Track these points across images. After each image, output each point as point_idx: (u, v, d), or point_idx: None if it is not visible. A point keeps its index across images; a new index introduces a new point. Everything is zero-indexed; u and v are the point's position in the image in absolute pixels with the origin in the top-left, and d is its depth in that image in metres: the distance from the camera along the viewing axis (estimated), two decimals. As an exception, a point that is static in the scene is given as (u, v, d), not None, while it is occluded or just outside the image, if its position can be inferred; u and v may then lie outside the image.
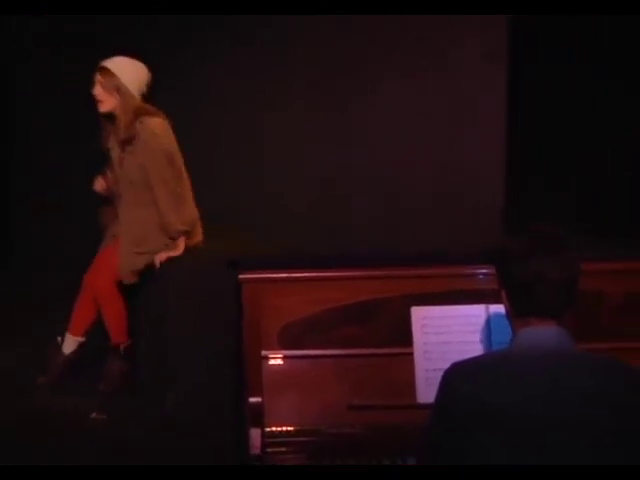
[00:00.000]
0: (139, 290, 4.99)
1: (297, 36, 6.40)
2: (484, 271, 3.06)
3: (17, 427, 4.41)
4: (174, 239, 4.90)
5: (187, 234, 4.93)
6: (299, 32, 6.35)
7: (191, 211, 4.95)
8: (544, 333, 2.31)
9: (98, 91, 4.81)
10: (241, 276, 3.07)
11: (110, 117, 4.89)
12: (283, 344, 3.01)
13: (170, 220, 4.84)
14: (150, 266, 4.89)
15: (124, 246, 4.87)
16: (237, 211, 6.05)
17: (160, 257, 4.87)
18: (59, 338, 4.97)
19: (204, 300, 4.68)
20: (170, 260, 4.87)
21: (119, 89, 4.79)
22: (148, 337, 5.00)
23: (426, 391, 2.87)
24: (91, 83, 4.84)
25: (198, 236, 5.05)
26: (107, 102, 4.82)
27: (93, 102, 4.86)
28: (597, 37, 6.16)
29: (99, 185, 5.03)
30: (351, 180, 6.53)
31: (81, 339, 4.96)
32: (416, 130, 6.57)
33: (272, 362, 2.99)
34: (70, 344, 4.95)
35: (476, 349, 2.90)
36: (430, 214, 6.55)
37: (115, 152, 4.93)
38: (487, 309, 2.95)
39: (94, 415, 4.62)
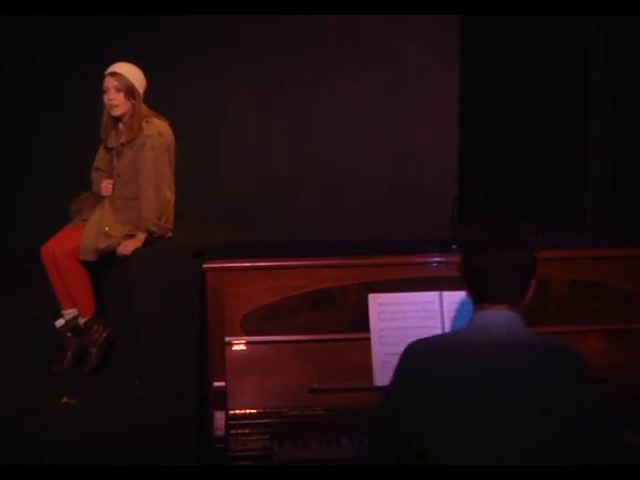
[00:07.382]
0: (107, 274, 5.08)
1: (263, 35, 6.51)
2: (437, 259, 3.19)
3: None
4: (139, 230, 4.99)
5: (152, 234, 5.01)
6: (264, 31, 6.47)
7: (168, 216, 5.06)
8: (496, 316, 2.48)
9: (114, 96, 4.90)
10: (205, 265, 3.17)
11: (116, 119, 4.99)
12: (246, 330, 3.11)
13: (147, 216, 4.95)
14: (110, 250, 4.96)
15: (93, 224, 4.95)
16: (204, 204, 6.17)
17: (126, 247, 4.94)
18: (55, 322, 5.05)
19: (172, 288, 4.79)
20: (135, 251, 4.96)
21: (134, 93, 4.91)
22: (116, 321, 5.09)
23: (382, 374, 2.97)
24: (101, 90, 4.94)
25: (169, 232, 5.15)
26: (122, 106, 4.92)
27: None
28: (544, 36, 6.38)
29: (106, 190, 5.05)
30: (310, 171, 6.65)
31: (74, 311, 5.04)
32: (372, 123, 6.70)
33: (235, 348, 3.09)
34: (66, 317, 5.04)
35: (429, 334, 2.93)
36: (387, 203, 6.69)
37: (116, 150, 5.03)
38: (440, 296, 3.07)
39: (65, 400, 4.66)
